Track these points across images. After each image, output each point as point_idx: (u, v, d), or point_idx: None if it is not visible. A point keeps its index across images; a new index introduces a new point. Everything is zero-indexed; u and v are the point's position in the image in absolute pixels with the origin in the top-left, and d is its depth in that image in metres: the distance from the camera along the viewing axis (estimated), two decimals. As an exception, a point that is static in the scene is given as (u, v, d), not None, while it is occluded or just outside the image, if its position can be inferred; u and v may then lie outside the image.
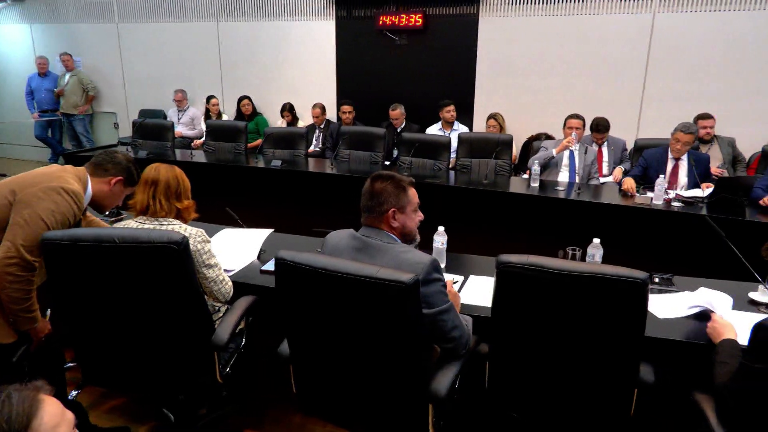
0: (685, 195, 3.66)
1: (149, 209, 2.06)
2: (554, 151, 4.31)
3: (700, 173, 3.91)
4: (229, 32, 6.83)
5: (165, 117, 7.06)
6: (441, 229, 2.46)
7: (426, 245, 2.50)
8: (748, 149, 4.71)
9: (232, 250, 2.57)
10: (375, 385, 1.69)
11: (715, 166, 4.46)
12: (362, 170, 4.52)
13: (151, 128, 5.61)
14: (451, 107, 5.51)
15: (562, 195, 3.87)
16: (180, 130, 6.60)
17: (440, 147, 4.66)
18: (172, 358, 1.98)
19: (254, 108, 6.59)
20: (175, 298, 1.87)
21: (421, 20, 5.77)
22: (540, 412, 1.90)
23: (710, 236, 2.33)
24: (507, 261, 1.70)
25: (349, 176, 4.41)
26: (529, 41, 5.48)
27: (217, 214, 2.88)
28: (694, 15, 4.89)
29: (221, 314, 2.16)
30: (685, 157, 3.99)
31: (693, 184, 3.90)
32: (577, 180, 4.30)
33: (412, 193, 1.84)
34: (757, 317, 1.88)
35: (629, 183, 3.86)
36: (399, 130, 5.64)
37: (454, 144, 4.88)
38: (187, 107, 6.83)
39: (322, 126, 6.08)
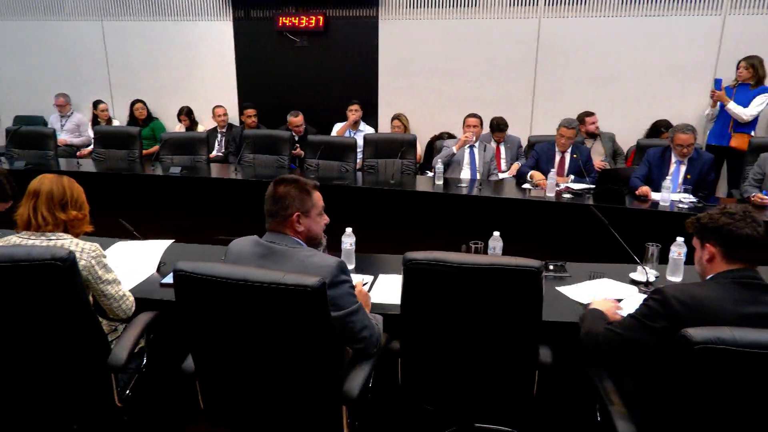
0: (574, 187, 3.95)
1: (31, 223, 1.88)
2: (454, 149, 4.48)
3: (582, 164, 4.24)
4: (116, 32, 6.39)
5: (46, 124, 6.46)
6: (349, 230, 2.46)
7: (334, 247, 2.51)
8: (626, 143, 5.18)
9: (129, 264, 2.41)
10: (287, 391, 1.66)
11: (599, 160, 4.87)
12: (268, 175, 4.42)
13: (29, 136, 5.11)
14: (356, 106, 5.52)
15: (464, 191, 4.04)
16: (64, 137, 6.07)
17: (346, 148, 4.68)
18: (63, 384, 1.82)
19: (149, 112, 6.22)
20: (63, 318, 1.72)
21: (321, 22, 5.75)
22: (452, 402, 1.96)
23: (596, 224, 2.53)
24: (413, 258, 1.74)
25: (254, 181, 4.29)
26: (429, 43, 5.66)
27: (109, 226, 2.68)
28: (577, 20, 5.29)
29: (119, 333, 2.02)
30: (569, 150, 4.31)
31: (577, 174, 4.22)
32: (478, 177, 4.50)
33: (317, 196, 1.82)
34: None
35: (538, 175, 4.13)
36: (297, 139, 5.34)
37: (360, 145, 4.92)
38: (71, 113, 6.29)
39: (224, 130, 5.87)
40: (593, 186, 3.90)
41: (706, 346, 1.26)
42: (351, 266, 2.46)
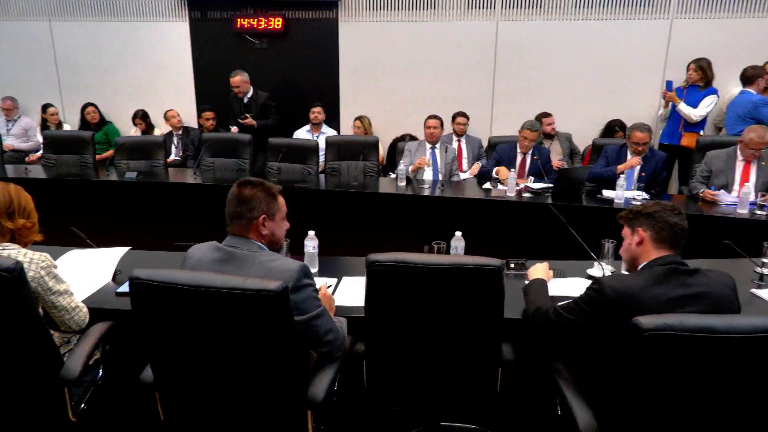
0: (533, 186, 4.04)
1: (-25, 233, 1.79)
2: (410, 169, 4.45)
3: (542, 165, 4.34)
4: (66, 33, 6.16)
5: (-9, 129, 6.17)
6: (311, 233, 2.44)
7: (297, 250, 2.48)
8: (582, 143, 5.32)
9: (82, 274, 2.32)
10: (250, 398, 1.63)
11: (557, 159, 4.99)
12: (229, 178, 4.34)
13: (-28, 142, 4.88)
14: (318, 108, 5.48)
15: (427, 192, 4.06)
16: (10, 142, 5.80)
17: (308, 151, 4.64)
18: (14, 400, 1.73)
19: (102, 116, 6.02)
20: (11, 331, 1.64)
21: (280, 24, 5.69)
22: (418, 402, 1.97)
23: (555, 222, 2.59)
24: (376, 260, 1.74)
25: (214, 185, 4.21)
26: (389, 45, 5.68)
27: (61, 235, 2.57)
28: (533, 23, 5.41)
29: (72, 345, 1.94)
30: (530, 151, 4.40)
31: (537, 175, 4.31)
32: (440, 177, 4.54)
33: (281, 200, 1.81)
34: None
35: (504, 172, 4.19)
36: (245, 103, 5.26)
37: (322, 147, 4.90)
38: (18, 116, 6.01)
39: (179, 133, 5.73)
40: (552, 185, 3.99)
41: (656, 333, 1.32)
42: (314, 269, 2.44)
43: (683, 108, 4.76)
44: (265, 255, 1.69)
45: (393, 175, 4.69)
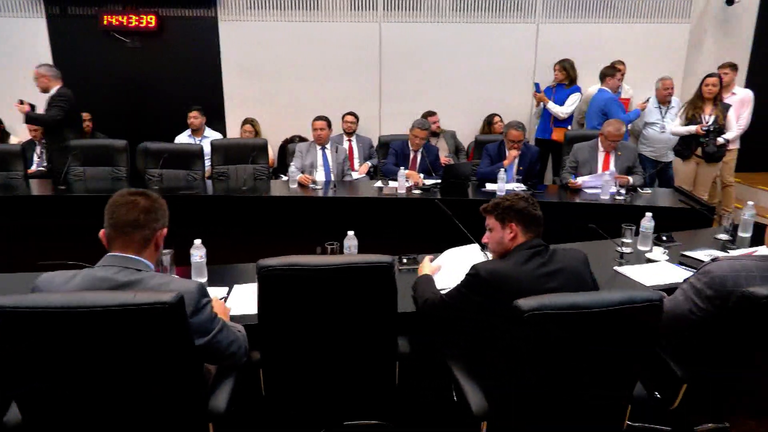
0: (424, 183, 4.16)
1: None
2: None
3: (430, 162, 4.50)
4: None
5: None
6: (197, 242, 2.32)
7: (183, 261, 2.35)
8: (466, 139, 5.60)
9: None
10: (148, 420, 1.51)
11: (443, 156, 5.20)
12: (104, 189, 4.01)
13: None
14: (195, 113, 5.13)
15: (320, 193, 4.04)
16: None
17: (192, 156, 4.41)
18: None
19: (-57, 124, 5.27)
20: None
21: (154, 22, 5.35)
22: (319, 404, 1.95)
23: (444, 216, 2.69)
24: (267, 265, 1.70)
25: (85, 197, 3.86)
26: (274, 45, 5.56)
27: None
28: (414, 25, 5.58)
29: None
30: (420, 149, 4.55)
31: (426, 172, 4.46)
32: (332, 178, 4.54)
33: None
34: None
35: (414, 175, 4.24)
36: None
37: (208, 152, 4.68)
38: None
39: (44, 141, 5.17)
40: (440, 181, 4.15)
41: (533, 313, 1.42)
42: (203, 279, 2.32)
43: (552, 106, 5.19)
44: (156, 278, 1.54)
45: (285, 178, 4.61)
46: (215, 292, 2.17)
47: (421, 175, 4.41)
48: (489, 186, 4.11)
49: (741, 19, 5.78)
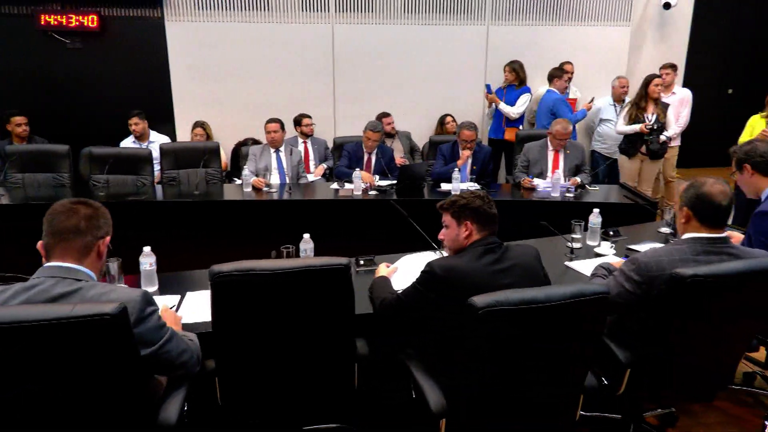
0: (379, 184, 4.18)
1: None
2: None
3: (386, 163, 4.51)
4: None
5: None
6: (147, 249, 2.24)
7: (132, 269, 2.27)
8: (420, 140, 5.64)
9: None
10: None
11: (399, 157, 5.23)
12: (45, 196, 3.83)
13: None
14: (134, 119, 4.84)
15: (275, 196, 3.99)
16: None
17: (140, 160, 4.27)
18: None
19: None
20: None
21: (95, 21, 5.14)
22: (277, 411, 1.92)
23: (400, 217, 2.70)
24: (219, 270, 1.66)
25: (23, 205, 3.67)
26: (225, 46, 5.44)
27: None
28: (366, 27, 5.58)
29: None
30: (374, 151, 4.55)
31: (382, 173, 4.47)
32: (287, 180, 4.49)
33: None
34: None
35: (367, 176, 4.22)
36: None
37: (157, 156, 4.54)
38: None
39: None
40: (396, 182, 4.17)
41: (488, 310, 1.45)
42: (153, 288, 2.25)
43: (503, 107, 5.31)
44: (98, 288, 1.47)
45: (238, 181, 4.52)
46: (166, 301, 2.11)
47: (377, 177, 4.42)
48: (444, 186, 4.16)
49: (677, 23, 6.08)
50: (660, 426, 2.40)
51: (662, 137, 4.65)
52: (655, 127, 4.60)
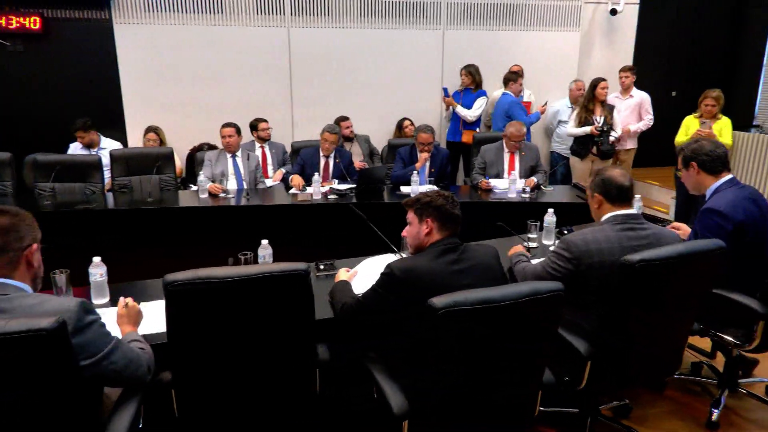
0: (338, 188, 4.16)
1: None
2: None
3: (344, 167, 4.50)
4: None
5: None
6: (97, 259, 2.16)
7: (81, 280, 2.18)
8: (379, 143, 5.65)
9: None
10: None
11: (358, 161, 5.22)
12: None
13: None
14: (79, 132, 4.62)
15: (232, 202, 3.91)
16: None
17: (88, 167, 4.11)
18: None
19: None
20: None
21: (38, 23, 4.93)
22: (237, 421, 1.88)
23: (360, 220, 2.70)
24: (174, 279, 1.61)
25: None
26: (177, 49, 5.32)
27: None
28: (322, 30, 5.57)
29: None
30: (332, 154, 4.53)
31: (341, 177, 4.46)
32: (245, 186, 4.41)
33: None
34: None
35: (297, 180, 4.21)
36: None
37: (107, 163, 4.38)
38: None
39: None
40: (355, 185, 4.16)
41: (447, 310, 1.46)
42: (105, 299, 2.17)
43: (460, 110, 5.39)
44: (30, 299, 1.41)
45: (194, 188, 4.41)
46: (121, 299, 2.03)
47: (335, 181, 4.41)
48: (403, 188, 4.18)
49: (624, 28, 6.33)
50: (615, 417, 2.47)
51: (611, 137, 4.82)
52: (604, 129, 4.78)
